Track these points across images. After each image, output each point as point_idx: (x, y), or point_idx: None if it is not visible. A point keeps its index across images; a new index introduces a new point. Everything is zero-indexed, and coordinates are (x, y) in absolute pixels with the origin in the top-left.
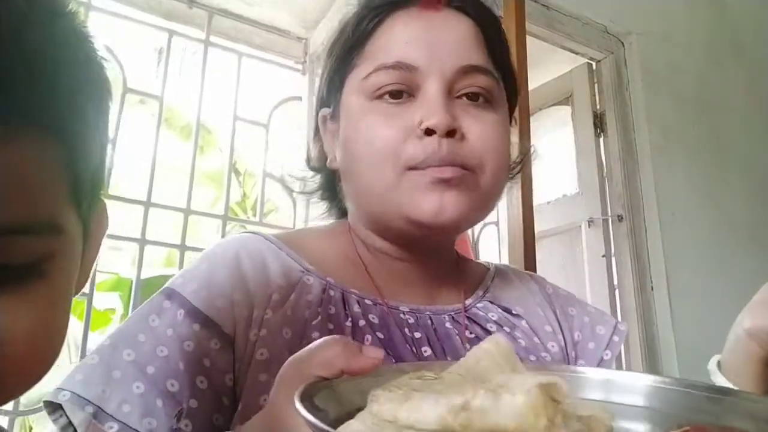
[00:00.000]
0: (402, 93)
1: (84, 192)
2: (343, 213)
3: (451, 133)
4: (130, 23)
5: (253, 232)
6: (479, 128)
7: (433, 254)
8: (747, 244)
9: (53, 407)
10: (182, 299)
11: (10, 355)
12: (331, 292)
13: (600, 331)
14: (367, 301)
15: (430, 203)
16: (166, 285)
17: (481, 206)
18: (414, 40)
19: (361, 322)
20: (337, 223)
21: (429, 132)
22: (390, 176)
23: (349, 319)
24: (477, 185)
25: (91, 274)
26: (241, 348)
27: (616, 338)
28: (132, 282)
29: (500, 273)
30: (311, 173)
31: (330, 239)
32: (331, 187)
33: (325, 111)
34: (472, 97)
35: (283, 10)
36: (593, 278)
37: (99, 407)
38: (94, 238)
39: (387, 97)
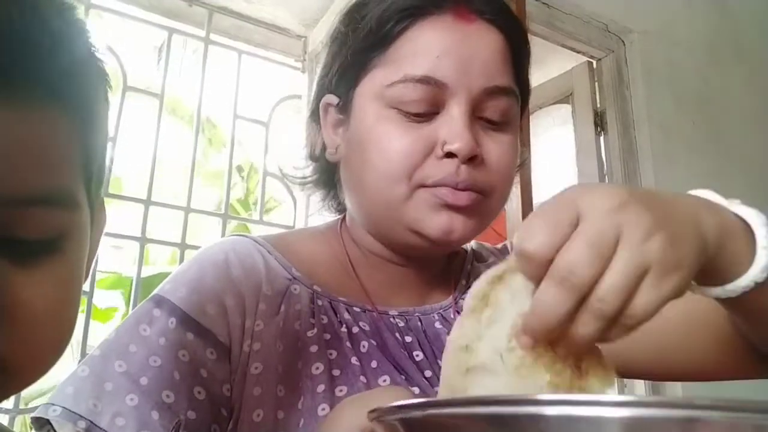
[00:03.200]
0: (425, 107)
1: (93, 176)
2: (339, 205)
3: (471, 158)
4: (129, 21)
5: (243, 235)
6: (498, 153)
7: (430, 260)
8: None
9: (40, 423)
10: (172, 306)
11: (30, 333)
12: (319, 302)
13: None
14: (356, 309)
15: (439, 223)
16: (154, 291)
17: (484, 225)
18: (445, 55)
19: (355, 329)
20: (328, 226)
21: (450, 155)
22: (401, 191)
23: (344, 326)
24: (485, 208)
25: (91, 272)
26: (236, 357)
27: None
28: (132, 280)
29: (477, 254)
30: (306, 163)
31: (321, 242)
32: (329, 177)
33: (331, 98)
34: (493, 118)
35: (282, 8)
36: None
37: (91, 422)
38: (96, 229)
39: (408, 109)
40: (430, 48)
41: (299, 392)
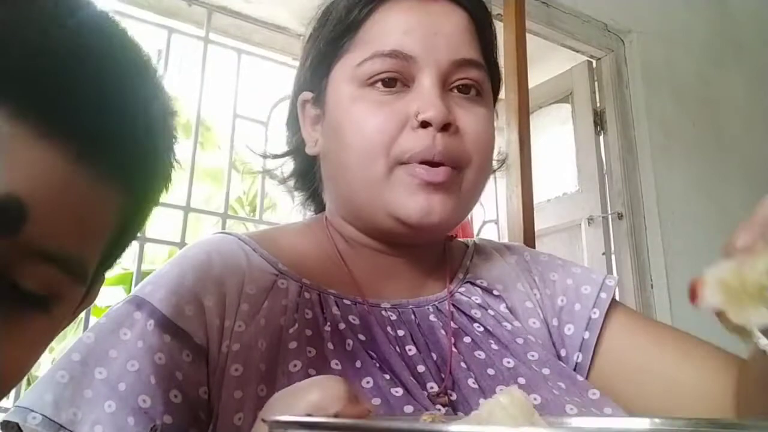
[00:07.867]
0: (395, 81)
1: (110, 257)
2: (320, 204)
3: (446, 127)
4: (128, 21)
5: (227, 233)
6: (472, 122)
7: (422, 250)
8: None
9: (10, 427)
10: (151, 308)
11: None
12: (307, 295)
13: (585, 290)
14: (346, 302)
15: (417, 204)
16: (134, 293)
17: (466, 205)
18: (411, 30)
19: (341, 325)
20: (313, 219)
21: (424, 124)
22: (380, 169)
23: (328, 323)
24: (464, 184)
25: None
26: (214, 359)
27: (603, 295)
28: (132, 277)
29: (479, 249)
30: (283, 161)
31: (307, 235)
32: (308, 174)
33: (306, 95)
34: (464, 89)
35: (282, 7)
36: None
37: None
38: (85, 303)
39: (380, 85)
40: (396, 26)
41: (276, 391)
